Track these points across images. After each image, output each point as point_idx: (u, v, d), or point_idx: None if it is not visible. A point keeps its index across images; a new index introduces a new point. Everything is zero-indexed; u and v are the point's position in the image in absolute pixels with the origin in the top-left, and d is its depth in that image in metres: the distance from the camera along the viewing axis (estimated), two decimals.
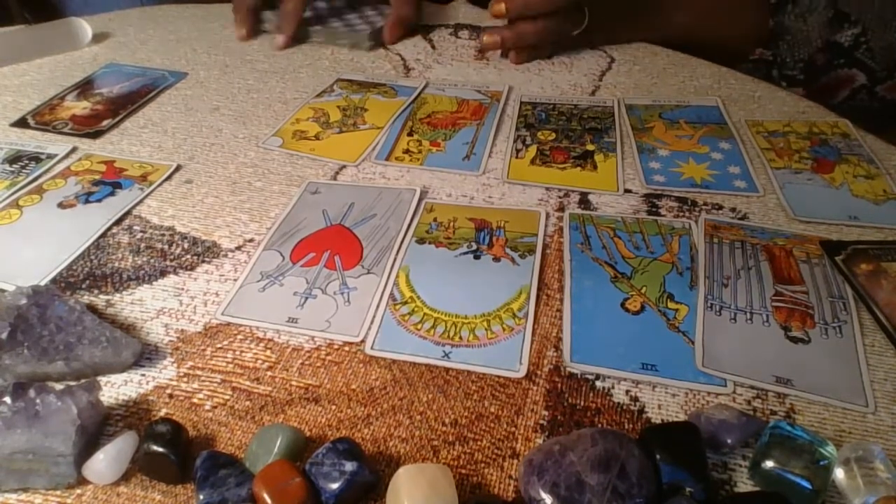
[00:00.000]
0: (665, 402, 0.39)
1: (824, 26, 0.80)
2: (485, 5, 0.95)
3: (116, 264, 0.49)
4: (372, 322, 0.44)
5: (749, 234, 0.51)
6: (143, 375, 0.41)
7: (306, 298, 0.46)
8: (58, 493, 0.35)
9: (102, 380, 0.40)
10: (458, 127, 0.66)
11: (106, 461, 0.34)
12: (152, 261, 0.50)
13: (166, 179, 0.58)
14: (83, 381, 0.38)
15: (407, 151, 0.62)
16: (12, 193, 0.56)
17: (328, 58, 0.81)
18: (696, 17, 0.81)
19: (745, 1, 0.83)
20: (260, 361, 0.42)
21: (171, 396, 0.40)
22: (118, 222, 0.53)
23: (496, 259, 0.49)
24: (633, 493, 0.31)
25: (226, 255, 0.50)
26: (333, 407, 0.39)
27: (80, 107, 0.70)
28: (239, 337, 0.43)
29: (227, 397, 0.40)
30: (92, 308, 0.45)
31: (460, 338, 0.43)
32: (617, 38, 0.82)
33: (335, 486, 0.32)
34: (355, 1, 0.90)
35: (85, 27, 0.82)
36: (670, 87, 0.73)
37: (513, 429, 0.38)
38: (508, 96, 0.72)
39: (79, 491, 0.35)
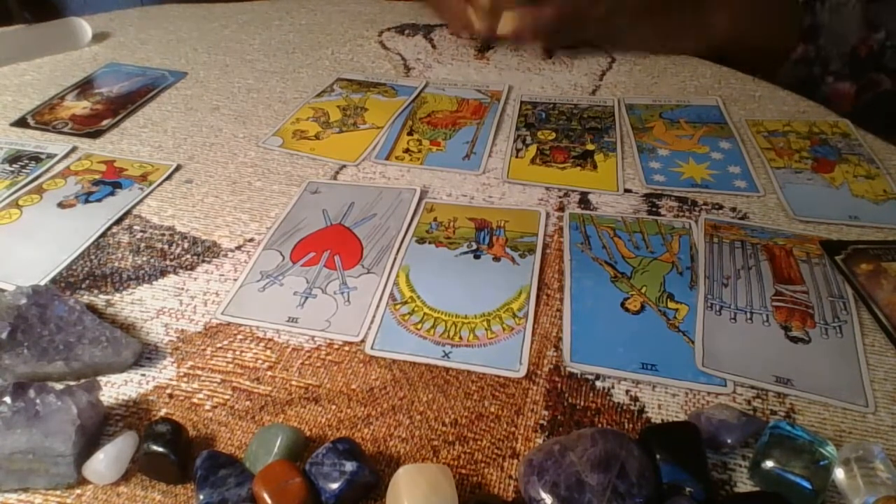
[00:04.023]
0: (665, 402, 0.39)
1: (860, 19, 0.78)
2: None
3: (116, 264, 0.49)
4: (372, 322, 0.44)
5: (749, 234, 0.51)
6: (143, 375, 0.41)
7: (306, 298, 0.46)
8: (58, 493, 0.35)
9: (102, 380, 0.40)
10: (459, 126, 0.66)
11: (106, 461, 0.34)
12: (152, 261, 0.50)
13: (166, 179, 0.58)
14: (83, 381, 0.38)
15: (407, 151, 0.62)
16: (12, 193, 0.56)
17: (328, 58, 0.81)
18: (736, 17, 0.77)
19: None
20: (260, 361, 0.42)
21: (171, 396, 0.40)
22: (118, 222, 0.53)
23: (496, 259, 0.49)
24: (633, 493, 0.31)
25: (226, 255, 0.50)
26: (333, 407, 0.39)
27: (80, 106, 0.70)
28: (239, 337, 0.43)
29: (227, 397, 0.40)
30: (92, 308, 0.45)
31: (460, 338, 0.43)
32: (649, 42, 0.78)
33: (335, 486, 0.32)
34: None
35: (85, 27, 0.82)
36: (670, 87, 0.73)
37: (513, 429, 0.38)
38: (508, 96, 0.72)
39: (79, 491, 0.35)
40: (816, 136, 0.63)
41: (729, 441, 0.35)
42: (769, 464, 0.33)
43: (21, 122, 0.67)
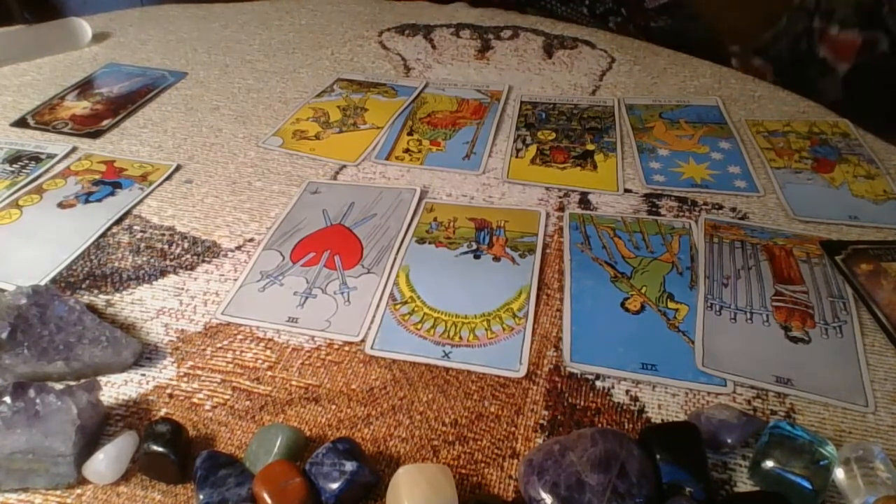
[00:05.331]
0: (665, 402, 0.39)
1: None
2: (485, 5, 0.95)
3: (116, 264, 0.49)
4: (372, 322, 0.44)
5: (749, 234, 0.51)
6: (143, 375, 0.41)
7: (306, 298, 0.46)
8: (58, 493, 0.35)
9: (102, 380, 0.40)
10: (459, 126, 0.66)
11: (106, 461, 0.34)
12: (152, 261, 0.50)
13: (166, 179, 0.58)
14: (83, 381, 0.38)
15: (407, 151, 0.62)
16: (12, 193, 0.56)
17: (328, 58, 0.81)
18: None
19: None
20: (260, 361, 0.42)
21: (171, 396, 0.40)
22: (118, 222, 0.53)
23: (496, 259, 0.49)
24: (633, 493, 0.31)
25: (226, 255, 0.50)
26: (333, 407, 0.39)
27: (80, 107, 0.70)
28: (239, 337, 0.43)
29: (227, 397, 0.40)
30: (92, 308, 0.45)
31: (460, 338, 0.43)
32: None
33: (335, 485, 0.32)
34: None
35: (85, 27, 0.82)
36: (670, 87, 0.73)
37: (513, 429, 0.38)
38: (508, 96, 0.72)
39: (79, 491, 0.35)
40: (816, 136, 0.63)
41: (729, 441, 0.35)
42: (769, 464, 0.33)
43: (21, 122, 0.67)
